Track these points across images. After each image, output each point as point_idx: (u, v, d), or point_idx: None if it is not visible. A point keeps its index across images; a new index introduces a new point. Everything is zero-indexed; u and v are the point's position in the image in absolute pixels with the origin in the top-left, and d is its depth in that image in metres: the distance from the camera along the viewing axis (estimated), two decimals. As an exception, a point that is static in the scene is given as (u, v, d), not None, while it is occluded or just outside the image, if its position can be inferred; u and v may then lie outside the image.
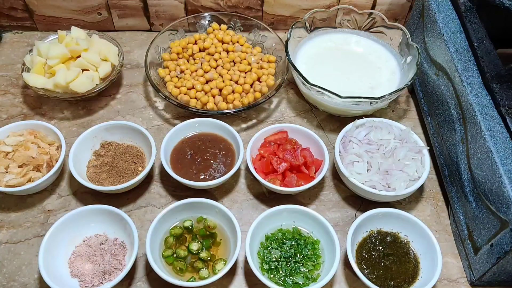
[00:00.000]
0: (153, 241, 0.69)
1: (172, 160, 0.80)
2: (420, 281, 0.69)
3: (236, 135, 0.81)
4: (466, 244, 0.73)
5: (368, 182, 0.75)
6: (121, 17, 1.04)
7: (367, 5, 1.04)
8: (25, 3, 0.99)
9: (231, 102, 0.88)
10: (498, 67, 0.73)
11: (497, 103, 0.69)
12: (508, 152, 0.65)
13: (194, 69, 0.92)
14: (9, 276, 0.70)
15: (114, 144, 0.83)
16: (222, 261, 0.69)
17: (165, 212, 0.71)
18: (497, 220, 0.64)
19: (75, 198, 0.79)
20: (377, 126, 0.82)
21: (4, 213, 0.77)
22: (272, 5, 1.03)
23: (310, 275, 0.69)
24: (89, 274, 0.68)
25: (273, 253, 0.71)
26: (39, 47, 0.88)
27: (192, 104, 0.87)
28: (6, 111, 0.90)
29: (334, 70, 0.93)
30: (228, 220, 0.71)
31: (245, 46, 0.96)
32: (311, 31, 0.97)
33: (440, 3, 0.86)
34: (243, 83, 0.89)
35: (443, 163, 0.82)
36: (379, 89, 0.90)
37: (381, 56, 0.96)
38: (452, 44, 0.79)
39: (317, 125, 0.91)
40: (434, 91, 0.85)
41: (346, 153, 0.79)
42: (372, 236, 0.74)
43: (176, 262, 0.69)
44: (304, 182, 0.77)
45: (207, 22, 1.01)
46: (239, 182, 0.83)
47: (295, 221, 0.74)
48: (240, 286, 0.71)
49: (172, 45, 0.95)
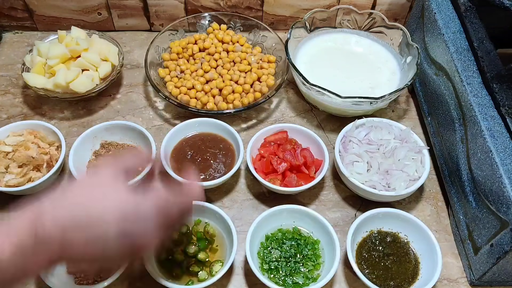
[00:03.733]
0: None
1: (172, 160, 0.80)
2: (420, 281, 0.69)
3: (236, 135, 0.81)
4: (466, 244, 0.73)
5: (368, 182, 0.75)
6: (121, 17, 1.04)
7: (367, 5, 1.04)
8: (25, 3, 0.99)
9: (231, 102, 0.88)
10: (498, 67, 0.73)
11: (497, 103, 0.69)
12: (508, 152, 0.65)
13: (194, 69, 0.92)
14: (9, 276, 0.70)
15: (114, 144, 0.83)
16: (219, 263, 0.69)
17: None
18: (497, 220, 0.64)
19: (75, 198, 0.79)
20: (377, 126, 0.82)
21: (4, 213, 0.77)
22: (272, 5, 1.03)
23: (310, 275, 0.69)
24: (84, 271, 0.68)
25: (273, 253, 0.71)
26: (39, 47, 0.88)
27: (192, 104, 0.87)
28: (6, 111, 0.90)
29: (334, 70, 0.93)
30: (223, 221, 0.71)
31: (245, 46, 0.96)
32: (311, 31, 0.97)
33: (440, 3, 0.86)
34: (243, 83, 0.89)
35: (443, 163, 0.82)
36: (379, 89, 0.90)
37: (381, 56, 0.96)
38: (452, 44, 0.79)
39: (317, 125, 0.91)
40: (434, 91, 0.85)
41: (346, 153, 0.79)
42: (372, 236, 0.74)
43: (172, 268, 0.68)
44: (304, 182, 0.77)
45: (207, 22, 1.01)
46: (239, 182, 0.83)
47: (295, 221, 0.74)
48: (240, 286, 0.71)
49: (172, 45, 0.95)
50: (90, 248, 0.48)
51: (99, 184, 0.51)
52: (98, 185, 0.51)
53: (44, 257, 0.46)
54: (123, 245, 0.49)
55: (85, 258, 0.49)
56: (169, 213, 0.54)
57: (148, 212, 0.50)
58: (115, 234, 0.48)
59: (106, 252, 0.49)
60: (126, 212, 0.48)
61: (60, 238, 0.46)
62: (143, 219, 0.50)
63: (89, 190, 0.50)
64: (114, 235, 0.48)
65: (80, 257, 0.49)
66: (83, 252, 0.48)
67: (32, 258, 0.45)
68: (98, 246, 0.48)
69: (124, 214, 0.48)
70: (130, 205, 0.49)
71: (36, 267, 0.47)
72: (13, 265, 0.44)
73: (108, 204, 0.48)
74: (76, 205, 0.48)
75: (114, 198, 0.49)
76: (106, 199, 0.49)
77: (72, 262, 0.57)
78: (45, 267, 0.48)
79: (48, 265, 0.48)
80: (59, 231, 0.46)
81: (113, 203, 0.48)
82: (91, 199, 0.49)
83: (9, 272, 0.44)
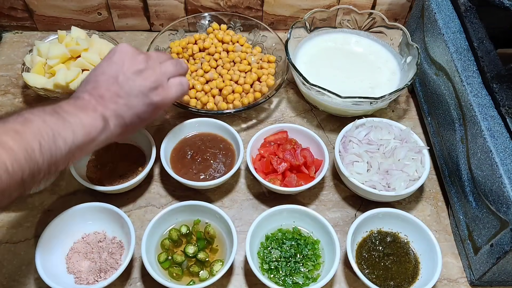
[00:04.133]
0: (149, 243, 0.69)
1: (172, 160, 0.80)
2: (420, 281, 0.69)
3: (236, 135, 0.81)
4: (466, 244, 0.73)
5: (368, 182, 0.75)
6: (121, 17, 1.04)
7: (367, 5, 1.04)
8: (25, 3, 0.99)
9: (231, 102, 0.88)
10: (498, 67, 0.73)
11: (497, 103, 0.69)
12: (508, 152, 0.65)
13: (194, 69, 0.92)
14: (9, 276, 0.70)
15: (114, 144, 0.83)
16: (220, 262, 0.69)
17: (160, 215, 0.70)
18: (497, 220, 0.64)
19: (75, 198, 0.79)
20: (377, 126, 0.82)
21: (4, 213, 0.77)
22: (272, 5, 1.03)
23: (310, 275, 0.69)
24: (85, 271, 0.68)
25: (273, 253, 0.71)
26: (39, 47, 0.88)
27: (192, 104, 0.87)
28: (6, 111, 0.90)
29: (334, 70, 0.93)
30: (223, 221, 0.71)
31: (245, 46, 0.96)
32: (311, 31, 0.97)
33: (440, 3, 0.86)
34: (243, 83, 0.89)
35: (443, 163, 0.82)
36: (379, 89, 0.90)
37: (381, 56, 0.96)
38: (452, 44, 0.79)
39: (317, 125, 0.91)
40: (434, 91, 0.85)
41: (346, 153, 0.79)
42: (372, 236, 0.74)
43: (172, 269, 0.68)
44: (304, 182, 0.77)
45: (207, 22, 1.01)
46: (239, 182, 0.83)
47: (295, 221, 0.74)
48: (240, 286, 0.71)
49: (172, 45, 0.95)
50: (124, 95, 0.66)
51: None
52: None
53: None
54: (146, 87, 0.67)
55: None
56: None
57: (156, 56, 0.71)
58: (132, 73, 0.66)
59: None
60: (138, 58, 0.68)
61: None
62: (155, 60, 0.70)
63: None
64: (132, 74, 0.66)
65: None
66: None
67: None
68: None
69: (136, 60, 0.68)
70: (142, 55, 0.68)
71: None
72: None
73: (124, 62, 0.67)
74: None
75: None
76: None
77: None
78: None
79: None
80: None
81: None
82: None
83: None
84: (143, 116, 0.68)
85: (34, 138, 0.53)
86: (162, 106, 0.70)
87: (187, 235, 0.72)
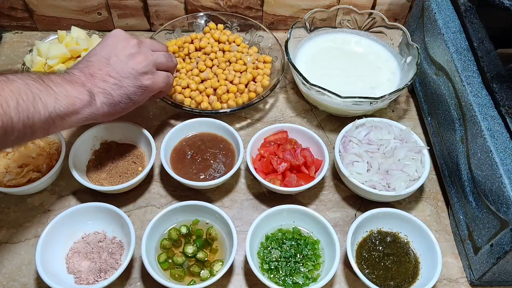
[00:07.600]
0: (149, 244, 0.69)
1: (172, 160, 0.80)
2: (420, 281, 0.69)
3: (236, 135, 0.81)
4: (466, 244, 0.73)
5: (368, 182, 0.75)
6: (121, 17, 1.04)
7: (367, 5, 1.04)
8: (25, 3, 0.99)
9: (225, 102, 0.88)
10: (498, 67, 0.73)
11: (497, 103, 0.69)
12: (508, 152, 0.65)
13: (190, 68, 0.91)
14: (9, 276, 0.70)
15: (114, 144, 0.83)
16: (220, 262, 0.69)
17: (160, 215, 0.70)
18: (497, 220, 0.64)
19: (75, 198, 0.79)
20: (377, 126, 0.82)
21: (4, 213, 0.77)
22: (272, 5, 1.03)
23: (310, 275, 0.69)
24: (85, 271, 0.68)
25: (273, 253, 0.71)
26: (39, 47, 0.88)
27: (186, 103, 0.87)
28: (6, 111, 0.90)
29: (334, 70, 0.93)
30: (223, 221, 0.71)
31: (241, 46, 0.96)
32: (311, 31, 0.97)
33: (440, 3, 0.86)
34: (238, 83, 0.89)
35: (443, 163, 0.82)
36: (379, 89, 0.90)
37: (381, 56, 0.96)
38: (452, 44, 0.79)
39: (317, 125, 0.91)
40: (434, 91, 0.85)
41: (346, 153, 0.79)
42: (372, 236, 0.74)
43: (174, 270, 0.68)
44: (304, 182, 0.77)
45: (204, 22, 1.00)
46: (239, 182, 0.83)
47: (295, 221, 0.74)
48: (240, 286, 0.71)
49: (169, 44, 0.95)
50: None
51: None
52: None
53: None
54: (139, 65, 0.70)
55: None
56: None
57: (149, 42, 0.75)
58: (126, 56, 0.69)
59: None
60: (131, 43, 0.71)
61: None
62: (148, 46, 0.73)
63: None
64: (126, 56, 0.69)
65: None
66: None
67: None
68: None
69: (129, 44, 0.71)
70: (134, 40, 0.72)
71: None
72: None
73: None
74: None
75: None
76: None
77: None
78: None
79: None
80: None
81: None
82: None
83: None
84: (132, 97, 0.70)
85: (12, 95, 0.55)
86: (151, 91, 0.73)
87: (187, 235, 0.72)
